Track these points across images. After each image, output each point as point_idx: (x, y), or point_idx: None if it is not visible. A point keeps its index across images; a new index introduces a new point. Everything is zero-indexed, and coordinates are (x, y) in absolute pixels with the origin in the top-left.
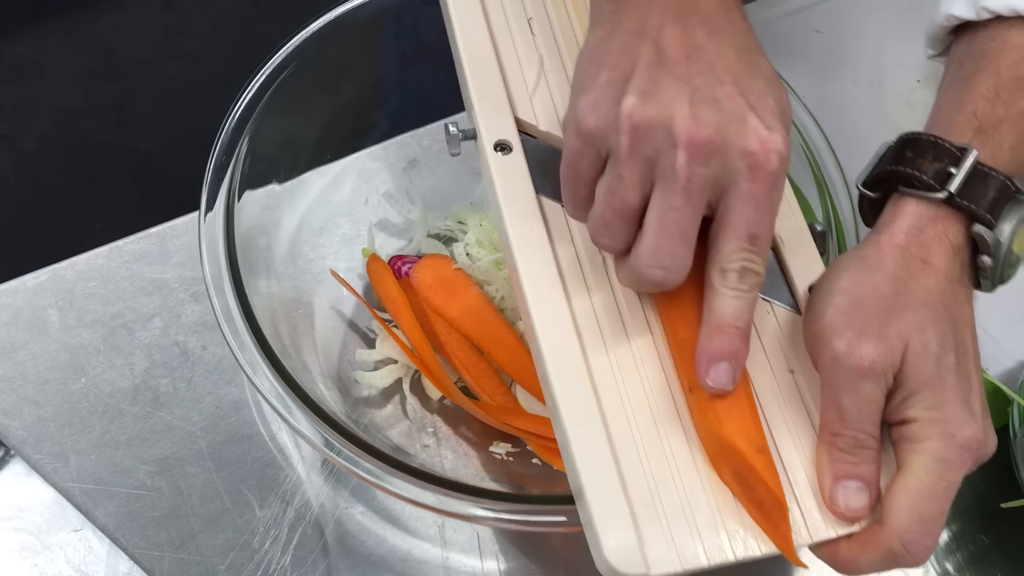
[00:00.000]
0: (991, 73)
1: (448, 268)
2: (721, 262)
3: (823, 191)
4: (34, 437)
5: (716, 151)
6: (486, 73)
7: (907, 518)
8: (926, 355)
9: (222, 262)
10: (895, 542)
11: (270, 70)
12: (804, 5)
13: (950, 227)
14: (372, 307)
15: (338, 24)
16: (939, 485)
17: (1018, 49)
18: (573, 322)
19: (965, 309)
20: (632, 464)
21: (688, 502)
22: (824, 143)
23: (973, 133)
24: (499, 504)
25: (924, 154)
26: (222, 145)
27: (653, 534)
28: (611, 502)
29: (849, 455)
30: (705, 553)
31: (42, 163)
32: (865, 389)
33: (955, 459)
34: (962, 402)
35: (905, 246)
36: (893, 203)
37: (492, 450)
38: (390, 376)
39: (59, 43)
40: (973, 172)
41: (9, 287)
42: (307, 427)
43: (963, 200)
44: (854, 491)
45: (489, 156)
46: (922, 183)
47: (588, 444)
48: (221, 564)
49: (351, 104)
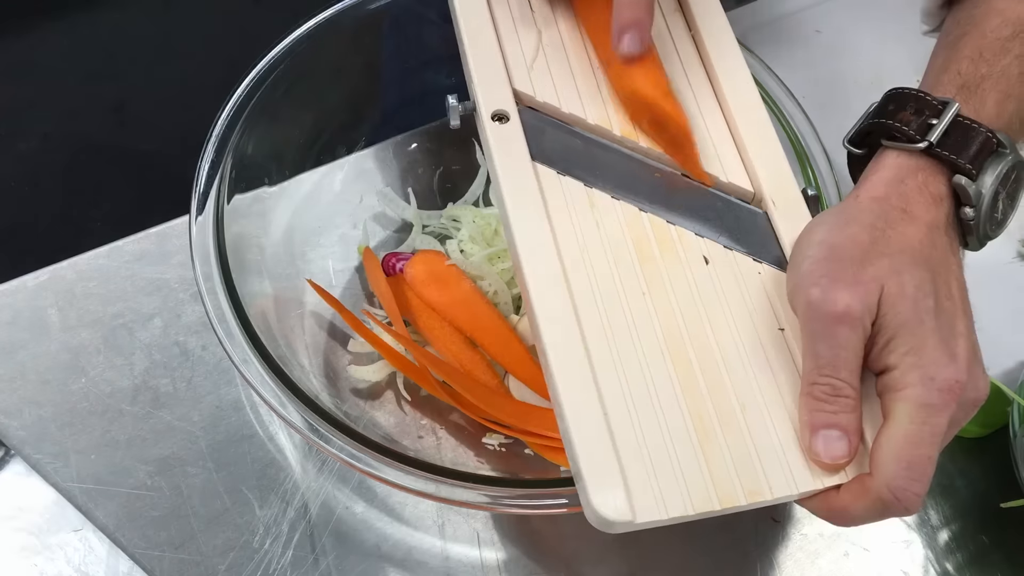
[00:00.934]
0: (976, 36)
1: (441, 263)
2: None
3: (807, 172)
4: (34, 437)
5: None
6: (485, 46)
7: (894, 466)
8: (902, 297)
9: (213, 263)
10: (884, 491)
11: (262, 70)
12: (804, 5)
13: (931, 178)
14: (354, 312)
15: (329, 25)
16: (923, 430)
17: (1002, 14)
18: (565, 279)
19: (949, 258)
20: (620, 415)
21: (675, 453)
22: (806, 122)
23: (957, 89)
24: (491, 488)
25: (906, 106)
26: (212, 147)
27: (640, 484)
28: (599, 453)
29: (826, 403)
30: (691, 502)
31: (42, 163)
32: (840, 334)
33: (936, 402)
34: (941, 344)
35: (885, 197)
36: (876, 158)
37: (485, 441)
38: (383, 370)
39: (59, 43)
40: (955, 124)
41: (9, 287)
42: (299, 420)
43: (944, 151)
44: (833, 439)
45: (487, 125)
46: (903, 134)
47: (577, 395)
48: (221, 564)
49: (344, 105)
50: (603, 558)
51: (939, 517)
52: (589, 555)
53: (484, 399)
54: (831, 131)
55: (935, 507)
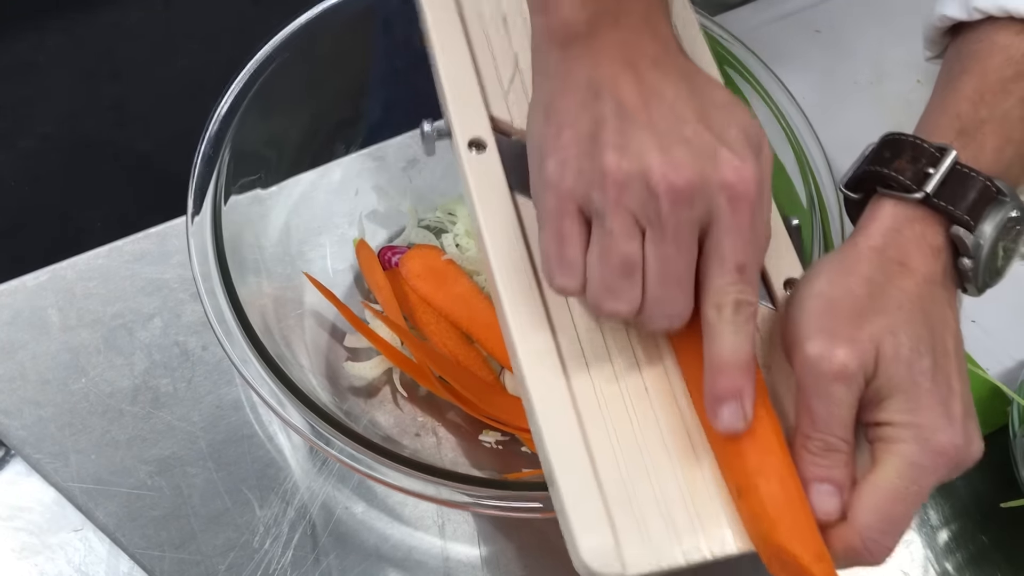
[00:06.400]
0: (976, 75)
1: (437, 258)
2: (714, 297)
3: (806, 174)
4: (34, 437)
5: (696, 191)
6: (460, 71)
7: (871, 517)
8: (897, 359)
9: (211, 262)
10: (856, 539)
11: (254, 68)
12: (804, 5)
13: (928, 229)
14: (353, 311)
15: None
16: (909, 489)
17: (1005, 51)
18: (547, 316)
19: (946, 312)
20: (607, 463)
21: (664, 500)
22: (807, 127)
23: (955, 135)
24: (484, 490)
25: (902, 154)
26: (206, 146)
27: (629, 534)
28: (586, 502)
29: (820, 458)
30: (682, 552)
31: (42, 163)
32: (836, 393)
33: (928, 464)
34: (939, 406)
35: (882, 248)
36: (872, 204)
37: (482, 439)
38: (380, 366)
39: (59, 43)
40: (952, 173)
41: (9, 287)
42: (298, 419)
43: (941, 201)
44: (825, 494)
45: (463, 154)
46: (899, 183)
47: (563, 443)
48: (221, 564)
49: (341, 100)
50: None
51: (939, 517)
52: None
53: (480, 394)
54: (831, 132)
55: (935, 507)
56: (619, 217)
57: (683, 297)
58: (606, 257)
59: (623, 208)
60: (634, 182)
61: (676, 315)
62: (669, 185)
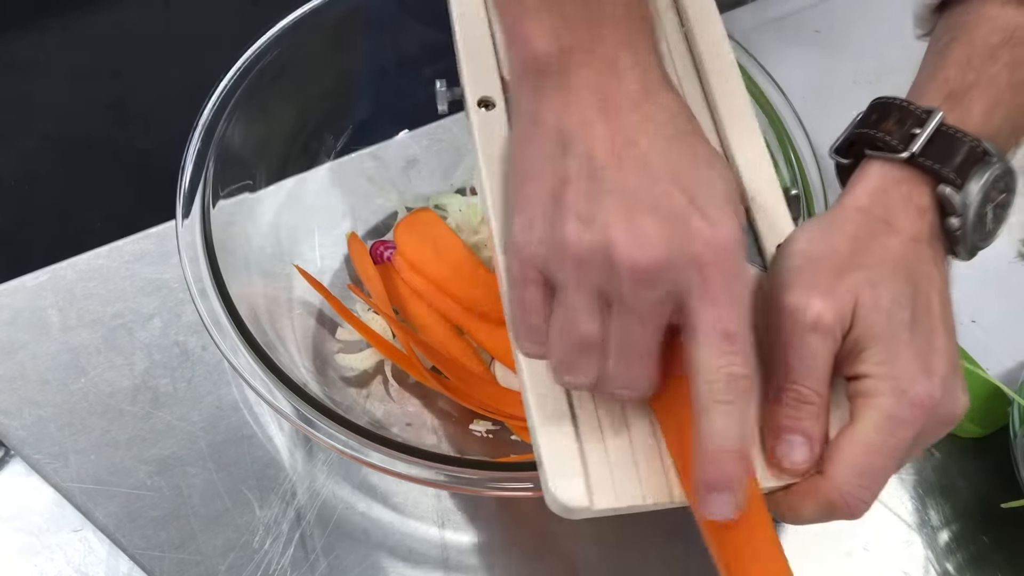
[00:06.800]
0: (964, 43)
1: (432, 224)
2: (705, 374)
3: (789, 161)
4: (34, 437)
5: (663, 269)
6: (476, 34)
7: (848, 470)
8: (876, 309)
9: (202, 263)
10: (834, 493)
11: (244, 67)
12: (804, 5)
13: (915, 188)
14: (342, 301)
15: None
16: (886, 442)
17: (992, 20)
18: None
19: (932, 269)
20: (586, 406)
21: (634, 444)
22: (792, 114)
23: (943, 98)
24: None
25: (889, 116)
26: (195, 147)
27: (599, 472)
28: (561, 440)
29: (792, 410)
30: (647, 492)
31: (42, 162)
32: (810, 344)
33: (906, 416)
34: (917, 359)
35: (868, 208)
36: (860, 167)
37: (472, 428)
38: (371, 358)
39: (58, 42)
40: (939, 133)
41: (9, 287)
42: (288, 408)
43: (927, 160)
44: (795, 445)
45: (472, 111)
46: (886, 144)
47: (544, 389)
48: (221, 564)
49: (330, 98)
50: (605, 557)
51: (940, 517)
52: (590, 553)
53: (470, 384)
54: (831, 132)
55: (935, 507)
56: (580, 295)
57: (646, 372)
58: (565, 334)
59: (584, 285)
60: (596, 257)
61: (638, 389)
62: (633, 264)
